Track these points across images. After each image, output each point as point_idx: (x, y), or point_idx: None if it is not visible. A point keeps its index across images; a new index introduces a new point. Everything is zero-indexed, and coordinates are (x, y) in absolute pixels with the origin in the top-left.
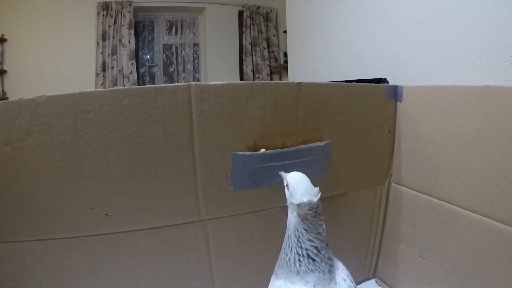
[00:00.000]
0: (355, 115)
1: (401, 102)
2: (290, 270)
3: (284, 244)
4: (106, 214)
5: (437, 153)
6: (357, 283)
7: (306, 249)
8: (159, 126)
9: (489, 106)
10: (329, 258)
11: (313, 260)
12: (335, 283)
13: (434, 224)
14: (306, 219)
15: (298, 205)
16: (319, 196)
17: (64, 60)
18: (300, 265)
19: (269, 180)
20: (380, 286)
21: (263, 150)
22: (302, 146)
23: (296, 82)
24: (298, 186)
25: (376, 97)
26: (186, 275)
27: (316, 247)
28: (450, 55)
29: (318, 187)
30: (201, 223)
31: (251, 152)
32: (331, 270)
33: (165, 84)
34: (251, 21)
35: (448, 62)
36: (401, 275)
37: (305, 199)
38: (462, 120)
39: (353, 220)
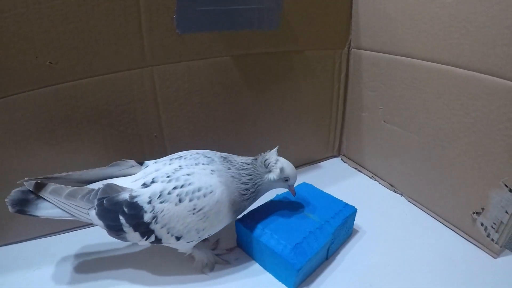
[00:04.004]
0: None
1: None
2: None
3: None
4: (50, 63)
5: (395, 6)
6: (322, 160)
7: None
8: None
9: None
10: None
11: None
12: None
13: (396, 82)
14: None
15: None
16: (278, 169)
17: None
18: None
19: (216, 24)
20: (345, 163)
21: None
22: None
23: None
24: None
25: None
26: (134, 131)
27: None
28: None
29: None
30: (147, 70)
31: None
32: None
33: None
34: None
35: None
36: (366, 148)
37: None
38: None
39: (312, 84)
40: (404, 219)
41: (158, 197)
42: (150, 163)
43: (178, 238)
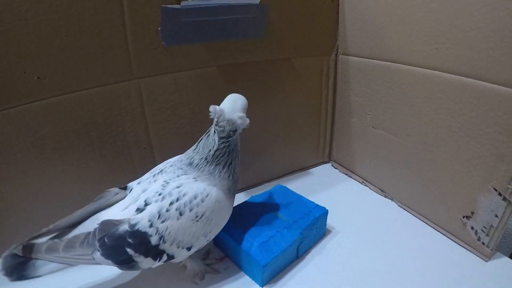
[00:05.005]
0: None
1: None
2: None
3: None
4: (38, 77)
5: (381, 12)
6: (313, 166)
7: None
8: None
9: None
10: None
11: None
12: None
13: (383, 88)
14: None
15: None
16: (235, 119)
17: None
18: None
19: (202, 35)
20: (335, 168)
21: None
22: None
23: None
24: (229, 98)
25: None
26: (123, 143)
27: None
28: None
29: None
30: (134, 83)
31: (180, 5)
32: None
33: None
34: None
35: None
36: (356, 154)
37: (217, 108)
38: None
39: (300, 91)
40: (394, 223)
41: (158, 218)
42: (133, 184)
43: (189, 249)
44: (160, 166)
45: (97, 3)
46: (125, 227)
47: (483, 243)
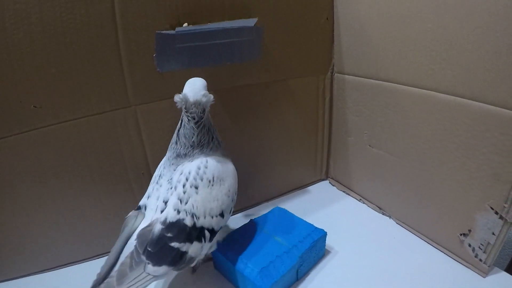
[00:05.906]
0: None
1: None
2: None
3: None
4: (34, 106)
5: (376, 31)
6: (310, 184)
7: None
8: (82, 8)
9: None
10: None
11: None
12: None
13: (380, 107)
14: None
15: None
16: (200, 98)
17: None
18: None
19: (197, 60)
20: (333, 186)
21: (185, 24)
22: (228, 22)
23: None
24: (188, 83)
25: None
26: (121, 169)
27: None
28: None
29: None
30: (131, 110)
31: (174, 31)
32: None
33: None
34: None
35: None
36: (353, 172)
37: (180, 95)
38: None
39: (297, 111)
40: (393, 241)
41: (181, 203)
42: (145, 201)
43: (222, 215)
44: (157, 172)
45: (92, 31)
46: (158, 227)
47: (480, 260)
